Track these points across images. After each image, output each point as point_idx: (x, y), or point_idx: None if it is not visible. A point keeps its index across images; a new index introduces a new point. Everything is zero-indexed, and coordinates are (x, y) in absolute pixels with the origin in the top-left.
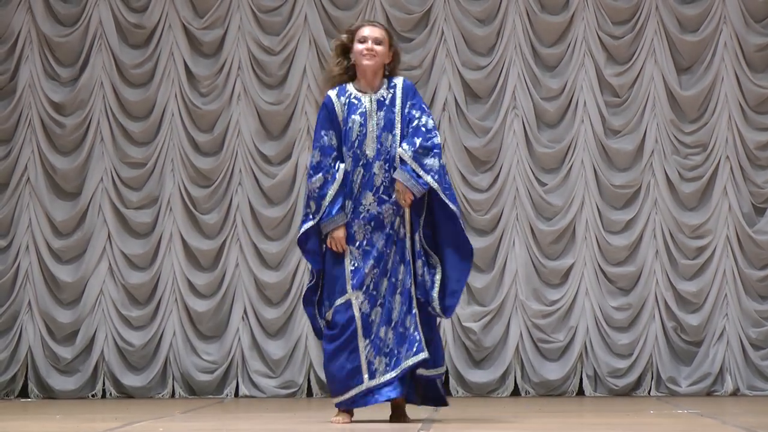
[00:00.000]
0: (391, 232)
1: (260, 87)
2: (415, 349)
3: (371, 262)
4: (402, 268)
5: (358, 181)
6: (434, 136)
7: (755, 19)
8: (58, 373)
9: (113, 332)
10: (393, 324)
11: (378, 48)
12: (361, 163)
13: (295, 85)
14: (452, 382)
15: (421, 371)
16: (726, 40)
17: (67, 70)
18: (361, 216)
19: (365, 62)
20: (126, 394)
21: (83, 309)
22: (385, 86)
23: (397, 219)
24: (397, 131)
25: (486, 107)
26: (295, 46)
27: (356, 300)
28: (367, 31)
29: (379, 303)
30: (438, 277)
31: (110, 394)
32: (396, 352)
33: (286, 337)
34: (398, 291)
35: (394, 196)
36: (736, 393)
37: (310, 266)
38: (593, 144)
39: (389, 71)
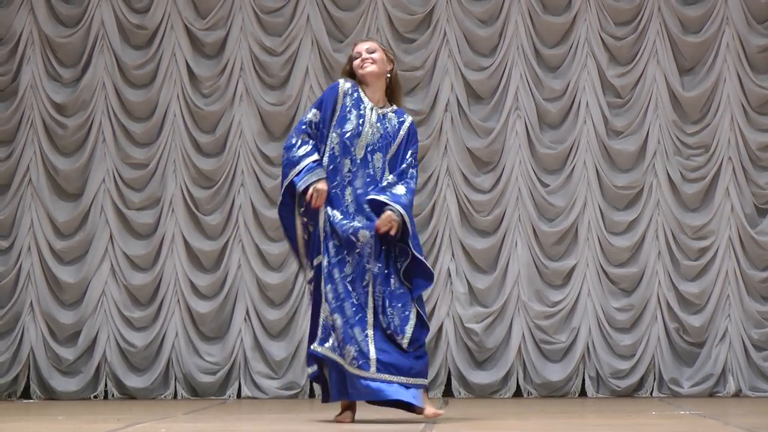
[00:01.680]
0: (363, 253)
1: (262, 88)
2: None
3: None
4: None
5: (343, 171)
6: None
7: (757, 20)
8: (60, 374)
9: (115, 333)
10: (362, 325)
11: (374, 55)
12: (348, 157)
13: (297, 86)
14: (454, 383)
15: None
16: (728, 41)
17: (69, 70)
18: (345, 204)
19: (367, 69)
20: (128, 395)
21: (85, 310)
22: (390, 110)
23: (369, 247)
24: (387, 158)
25: (488, 108)
26: (297, 46)
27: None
28: (357, 47)
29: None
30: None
31: (112, 395)
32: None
33: (289, 338)
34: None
35: (373, 222)
36: (738, 394)
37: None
38: (595, 145)
39: (391, 92)
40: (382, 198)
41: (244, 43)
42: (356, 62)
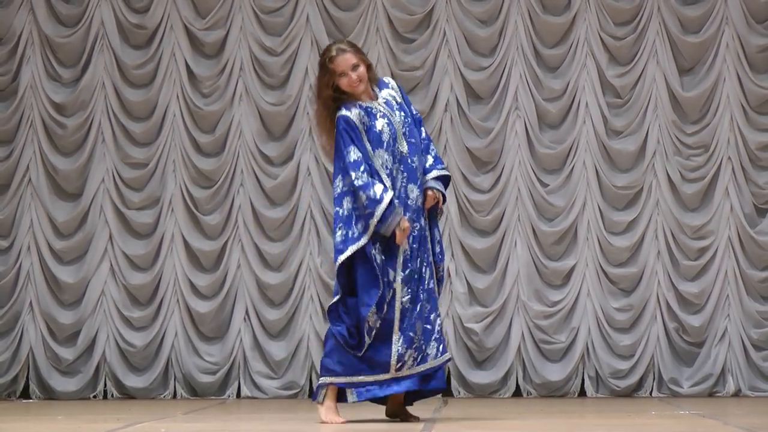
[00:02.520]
0: (420, 229)
1: (262, 88)
2: (442, 349)
3: (417, 258)
4: (426, 265)
5: (400, 177)
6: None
7: (757, 20)
8: (59, 374)
9: (115, 333)
10: (423, 320)
11: (360, 71)
12: (398, 159)
13: (297, 86)
14: (454, 383)
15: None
16: (728, 41)
17: (68, 70)
18: (411, 209)
19: (359, 90)
20: (128, 395)
21: (84, 310)
22: (379, 89)
23: (423, 218)
24: (411, 121)
25: (488, 108)
26: (297, 46)
27: (399, 291)
28: (338, 63)
29: (415, 297)
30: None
31: (112, 395)
32: (423, 348)
33: (288, 338)
34: (426, 286)
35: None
36: (737, 394)
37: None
38: (595, 145)
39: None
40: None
41: (244, 42)
42: (344, 82)
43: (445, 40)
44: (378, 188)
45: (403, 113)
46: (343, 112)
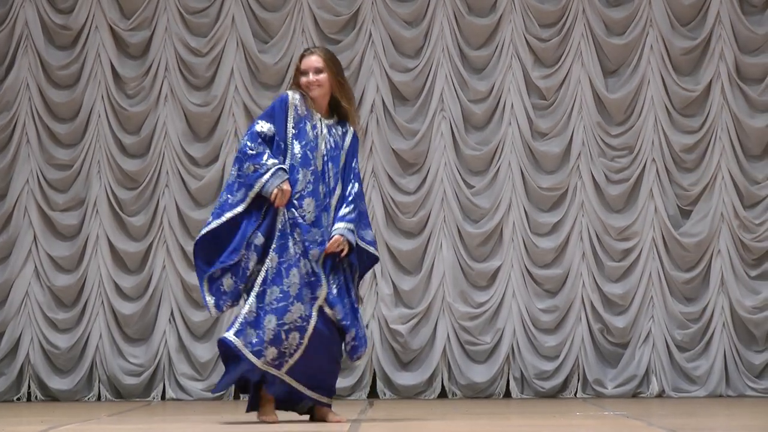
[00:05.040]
0: (310, 270)
1: (187, 88)
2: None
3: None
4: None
5: (304, 181)
6: (363, 201)
7: (681, 22)
8: None
9: (39, 335)
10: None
11: (320, 77)
12: (310, 168)
13: (223, 87)
14: (379, 384)
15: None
16: (652, 44)
17: None
18: (300, 215)
19: (313, 93)
20: (52, 397)
21: (8, 311)
22: (335, 120)
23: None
24: (339, 168)
25: (414, 109)
26: (222, 47)
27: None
28: (305, 61)
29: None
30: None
31: (36, 397)
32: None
33: (213, 339)
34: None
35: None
36: (661, 395)
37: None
38: (520, 146)
39: (336, 102)
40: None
41: (169, 43)
42: (303, 81)
43: (371, 42)
44: (270, 160)
45: (335, 150)
46: (288, 92)
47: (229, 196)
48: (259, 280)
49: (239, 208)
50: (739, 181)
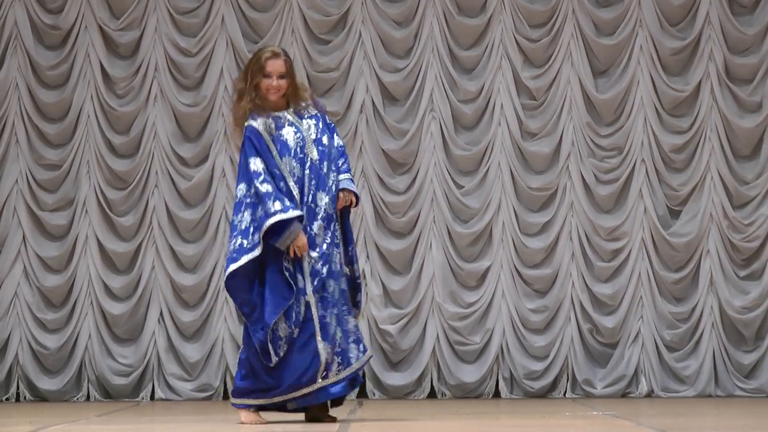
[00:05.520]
0: (332, 234)
1: (177, 89)
2: (363, 348)
3: (326, 264)
4: (340, 269)
5: (308, 183)
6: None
7: (671, 22)
8: None
9: (28, 335)
10: (342, 323)
11: (282, 82)
12: (307, 166)
13: (212, 87)
14: (369, 385)
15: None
16: (642, 44)
17: None
18: (320, 217)
19: (272, 98)
20: (41, 397)
21: None
22: (293, 108)
23: (336, 224)
24: (325, 132)
25: (403, 110)
26: (212, 47)
27: (313, 302)
28: (270, 66)
29: (332, 304)
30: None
31: (24, 397)
32: (346, 351)
33: (203, 340)
34: (341, 292)
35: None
36: (650, 395)
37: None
38: (510, 146)
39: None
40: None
41: (159, 43)
42: (265, 83)
43: (361, 42)
44: (277, 205)
45: (314, 121)
46: (250, 122)
47: (244, 240)
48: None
49: (257, 252)
50: (728, 181)
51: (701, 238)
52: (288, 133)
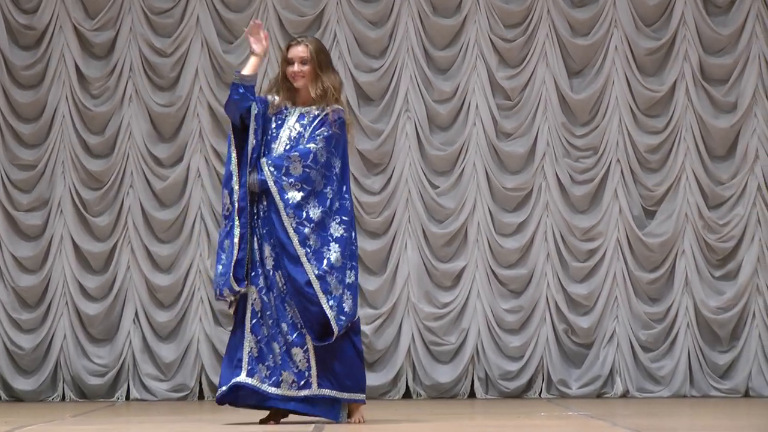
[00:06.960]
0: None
1: (152, 89)
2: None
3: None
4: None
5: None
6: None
7: (646, 23)
8: None
9: (3, 335)
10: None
11: (305, 68)
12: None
13: (187, 87)
14: None
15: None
16: (617, 44)
17: None
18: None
19: (297, 84)
20: (16, 397)
21: None
22: (315, 105)
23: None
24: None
25: (378, 110)
26: (187, 47)
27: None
28: (291, 52)
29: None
30: None
31: (0, 397)
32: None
33: (178, 340)
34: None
35: None
36: (625, 395)
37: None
38: (485, 147)
39: (324, 92)
40: None
41: (134, 43)
42: (289, 71)
43: (336, 42)
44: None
45: (301, 129)
46: (269, 96)
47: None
48: None
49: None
50: (703, 182)
51: (676, 239)
52: (283, 133)
